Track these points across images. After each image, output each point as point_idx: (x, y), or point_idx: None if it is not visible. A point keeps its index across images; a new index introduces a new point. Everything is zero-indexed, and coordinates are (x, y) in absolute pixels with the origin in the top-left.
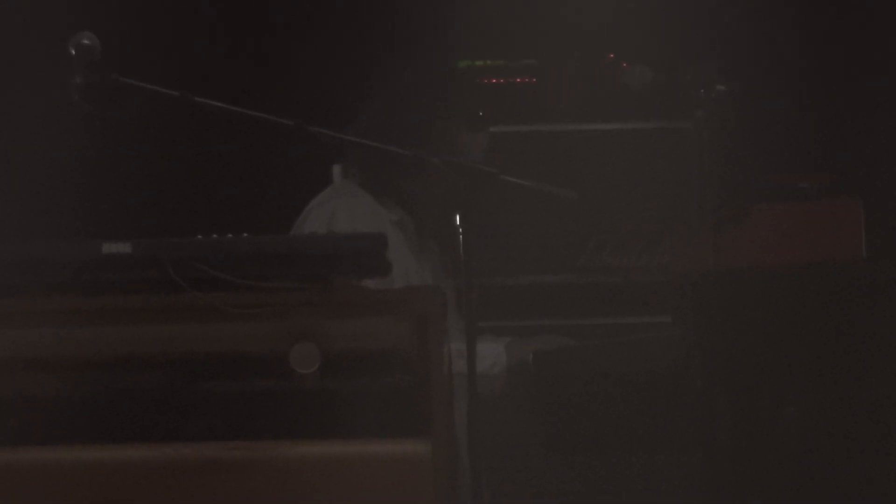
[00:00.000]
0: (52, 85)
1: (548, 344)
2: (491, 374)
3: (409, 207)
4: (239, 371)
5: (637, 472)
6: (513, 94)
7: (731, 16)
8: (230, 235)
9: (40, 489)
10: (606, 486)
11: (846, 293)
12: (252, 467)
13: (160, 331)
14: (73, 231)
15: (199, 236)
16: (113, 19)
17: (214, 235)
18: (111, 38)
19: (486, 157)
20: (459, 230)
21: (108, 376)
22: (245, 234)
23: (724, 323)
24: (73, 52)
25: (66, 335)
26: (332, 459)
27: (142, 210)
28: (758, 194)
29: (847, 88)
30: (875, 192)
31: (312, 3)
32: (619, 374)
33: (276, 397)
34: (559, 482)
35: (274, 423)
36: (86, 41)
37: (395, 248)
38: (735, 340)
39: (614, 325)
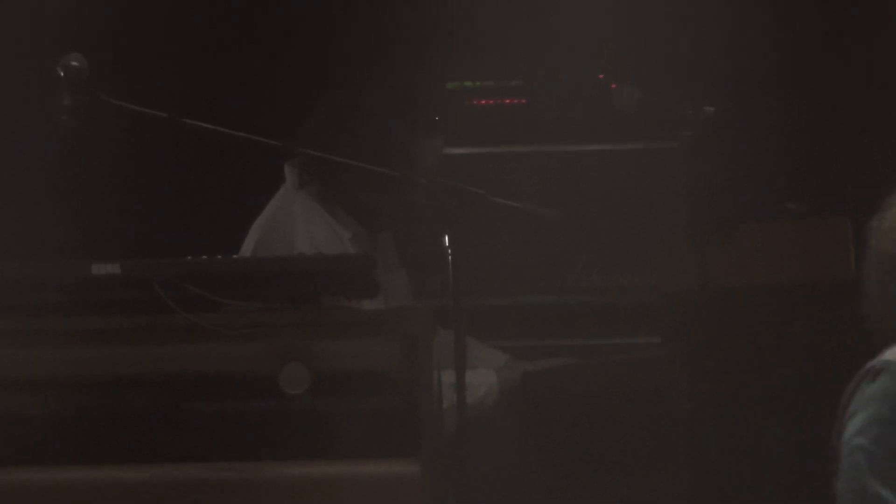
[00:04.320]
0: (41, 106)
1: (540, 366)
2: (484, 405)
3: (365, 220)
4: (228, 391)
5: (626, 491)
6: (502, 114)
7: (718, 37)
8: (219, 256)
9: None
10: None
11: (834, 312)
12: (241, 488)
13: (149, 351)
14: (63, 252)
15: (189, 257)
16: (101, 40)
17: (203, 256)
18: (99, 59)
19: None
20: (448, 251)
21: (97, 397)
22: (234, 255)
23: (712, 342)
24: (62, 73)
25: (55, 355)
26: (322, 480)
27: (131, 231)
28: (746, 214)
29: (835, 108)
30: (863, 212)
31: (302, 26)
32: (608, 394)
33: (266, 418)
34: (548, 501)
35: (263, 443)
36: (74, 62)
37: None
38: (723, 360)
39: (602, 346)
